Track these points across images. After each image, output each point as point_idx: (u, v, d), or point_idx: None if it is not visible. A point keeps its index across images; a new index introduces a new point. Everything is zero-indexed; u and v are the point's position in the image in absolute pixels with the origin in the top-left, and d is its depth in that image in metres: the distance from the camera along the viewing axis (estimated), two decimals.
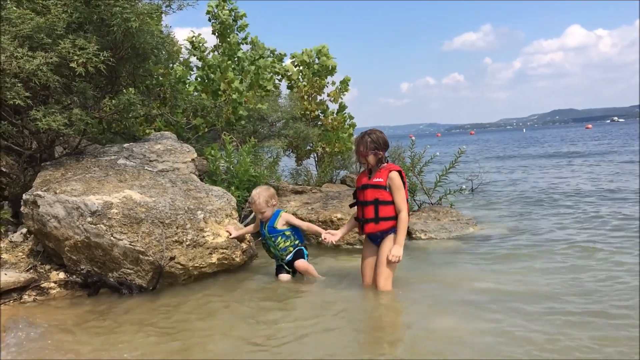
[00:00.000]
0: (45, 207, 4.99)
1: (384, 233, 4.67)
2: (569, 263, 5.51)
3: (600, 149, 27.47)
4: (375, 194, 4.64)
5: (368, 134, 4.71)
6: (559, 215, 8.51)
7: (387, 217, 4.61)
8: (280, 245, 5.16)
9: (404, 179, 4.70)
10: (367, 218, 4.68)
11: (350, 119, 10.66)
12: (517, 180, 14.69)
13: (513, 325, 3.74)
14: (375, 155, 4.67)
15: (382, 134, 4.75)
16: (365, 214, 4.69)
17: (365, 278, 4.86)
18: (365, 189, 4.70)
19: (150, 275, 4.84)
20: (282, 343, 3.61)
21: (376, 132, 4.74)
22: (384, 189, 4.60)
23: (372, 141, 4.65)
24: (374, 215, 4.63)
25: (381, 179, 4.62)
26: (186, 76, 9.08)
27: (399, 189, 4.59)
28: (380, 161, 4.69)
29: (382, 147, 4.68)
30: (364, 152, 4.67)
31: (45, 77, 5.07)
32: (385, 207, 4.61)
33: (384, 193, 4.61)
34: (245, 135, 9.02)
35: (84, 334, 3.93)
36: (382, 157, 4.70)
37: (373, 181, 4.66)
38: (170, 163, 5.98)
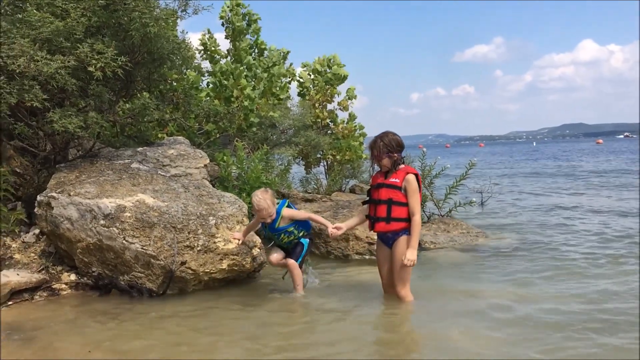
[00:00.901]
0: (59, 208, 5.04)
1: (394, 234, 4.64)
2: (575, 272, 5.66)
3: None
4: (390, 193, 4.61)
5: (381, 137, 4.69)
6: (568, 229, 8.48)
7: (399, 218, 4.58)
8: (285, 240, 5.11)
9: (420, 184, 4.67)
10: (379, 217, 4.65)
11: (360, 128, 10.68)
12: (527, 195, 14.64)
13: (527, 338, 3.75)
14: (390, 158, 4.64)
15: (395, 135, 4.71)
16: (378, 212, 4.66)
17: (383, 280, 4.89)
18: (380, 188, 4.67)
19: (161, 279, 4.87)
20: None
21: (389, 134, 4.71)
22: (399, 190, 4.58)
23: (385, 145, 4.63)
24: (386, 214, 4.61)
25: (397, 180, 4.59)
26: (199, 82, 9.14)
27: (414, 192, 4.57)
28: (396, 163, 4.66)
29: (396, 149, 4.64)
30: (379, 156, 4.66)
31: (63, 80, 5.13)
32: (398, 208, 4.58)
33: (399, 194, 4.58)
34: (256, 142, 9.07)
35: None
36: (397, 160, 4.67)
37: (389, 181, 4.63)
38: (183, 168, 6.01)
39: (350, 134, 10.45)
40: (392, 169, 4.66)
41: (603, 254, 6.54)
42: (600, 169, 24.01)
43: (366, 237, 6.67)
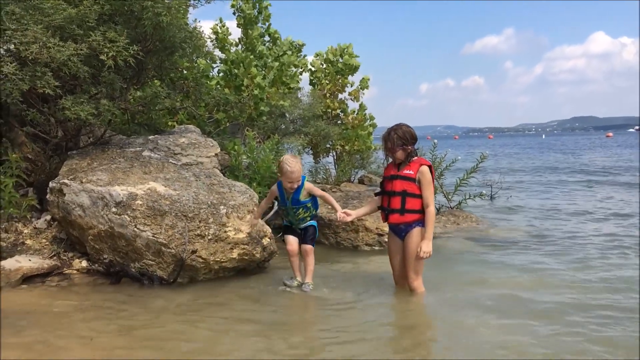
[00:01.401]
0: (71, 195, 5.06)
1: (407, 226, 4.63)
2: (583, 264, 5.70)
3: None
4: (404, 185, 4.60)
5: (394, 129, 4.67)
6: (578, 220, 8.46)
7: (413, 209, 4.58)
8: (300, 216, 5.01)
9: (433, 175, 4.68)
10: (393, 208, 4.64)
11: (371, 119, 10.62)
12: (537, 188, 14.58)
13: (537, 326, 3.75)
14: (404, 151, 4.63)
15: (408, 128, 4.70)
16: (392, 204, 4.65)
17: (394, 272, 4.88)
18: (394, 180, 4.65)
19: (172, 267, 4.88)
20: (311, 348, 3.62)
21: (402, 126, 4.70)
22: (413, 182, 4.57)
23: (399, 137, 4.62)
24: (401, 206, 4.60)
25: (411, 172, 4.59)
26: (209, 70, 9.12)
27: (429, 183, 4.57)
28: (409, 155, 4.65)
29: (410, 141, 4.64)
30: (392, 149, 4.64)
31: (75, 68, 5.13)
32: (412, 200, 4.58)
33: (413, 185, 4.58)
34: (266, 131, 9.05)
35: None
36: (411, 152, 4.66)
37: (403, 172, 4.62)
38: (194, 157, 6.01)
39: (359, 125, 10.40)
40: (406, 161, 4.64)
41: (612, 246, 6.55)
42: (608, 164, 23.80)
43: (376, 228, 6.67)
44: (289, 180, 4.77)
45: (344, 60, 10.32)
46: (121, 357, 3.32)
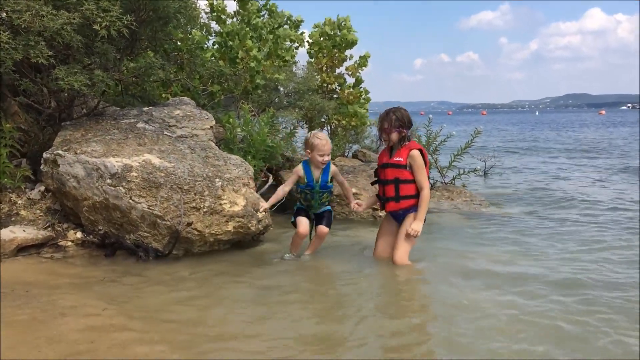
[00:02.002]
0: (65, 166, 5.03)
1: (405, 211, 4.69)
2: (576, 239, 5.75)
3: None
4: (395, 173, 4.66)
5: (393, 111, 4.69)
6: (571, 197, 8.52)
7: (408, 195, 4.64)
8: (323, 200, 5.01)
9: (426, 158, 4.70)
10: (388, 197, 4.72)
11: (366, 93, 10.58)
12: (530, 164, 14.63)
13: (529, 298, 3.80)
14: (399, 133, 4.67)
15: (406, 111, 4.75)
16: (386, 192, 4.72)
17: (376, 249, 4.94)
18: (386, 168, 4.72)
19: (167, 239, 4.89)
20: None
21: (401, 109, 4.74)
22: (404, 168, 4.62)
23: (397, 119, 4.64)
24: (395, 194, 4.67)
25: (401, 158, 4.63)
26: (204, 42, 9.01)
27: (420, 167, 4.60)
28: (402, 139, 4.68)
29: (406, 125, 4.68)
30: (388, 129, 4.67)
31: (68, 37, 5.05)
32: (405, 186, 4.63)
33: (404, 172, 4.63)
34: (260, 104, 8.99)
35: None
36: (405, 136, 4.69)
37: (393, 160, 4.67)
38: (189, 129, 5.98)
39: (355, 100, 10.35)
40: (397, 145, 4.65)
41: (604, 220, 6.63)
42: (599, 144, 23.92)
43: None
44: (321, 153, 4.75)
45: (341, 34, 10.23)
46: (119, 330, 3.34)
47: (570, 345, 3.10)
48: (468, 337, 3.21)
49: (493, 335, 3.24)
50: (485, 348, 3.06)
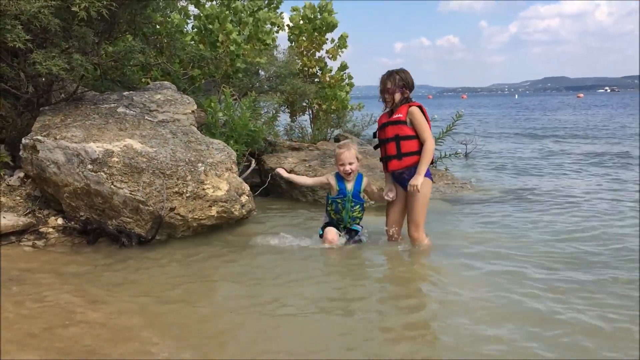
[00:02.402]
0: (44, 152, 4.96)
1: (410, 171, 4.53)
2: (559, 220, 5.81)
3: None
4: (395, 130, 4.54)
5: (397, 72, 4.63)
6: (553, 178, 8.64)
7: (410, 152, 4.50)
8: (355, 214, 4.85)
9: (426, 115, 4.58)
10: (390, 155, 4.59)
11: (349, 78, 10.55)
12: (511, 147, 14.77)
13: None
14: (401, 94, 4.61)
15: (409, 75, 4.68)
16: (388, 151, 4.61)
17: (387, 221, 4.83)
18: (386, 127, 4.62)
19: (150, 225, 4.86)
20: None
21: (405, 71, 4.68)
22: (404, 124, 4.51)
23: (401, 79, 4.59)
24: (396, 151, 4.54)
25: (400, 115, 4.54)
26: (183, 25, 8.91)
27: (421, 121, 4.48)
28: (403, 100, 4.62)
29: (409, 86, 4.63)
30: (392, 89, 4.59)
31: (46, 20, 4.96)
32: (407, 142, 4.50)
33: (404, 128, 4.51)
34: (242, 88, 8.93)
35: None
36: (407, 97, 4.63)
37: (393, 118, 4.58)
38: (170, 114, 5.92)
39: (337, 84, 10.33)
40: (397, 105, 4.60)
41: (583, 200, 6.75)
42: (580, 125, 24.22)
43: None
44: (341, 162, 4.68)
45: (322, 17, 10.17)
46: (106, 311, 3.33)
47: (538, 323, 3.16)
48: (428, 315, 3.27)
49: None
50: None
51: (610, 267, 4.21)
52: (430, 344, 2.97)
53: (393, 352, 2.82)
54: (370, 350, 2.84)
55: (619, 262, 4.33)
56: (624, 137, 16.88)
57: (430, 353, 2.86)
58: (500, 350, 2.82)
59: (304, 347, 2.89)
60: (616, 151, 12.88)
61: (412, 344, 2.93)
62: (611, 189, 7.80)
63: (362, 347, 2.90)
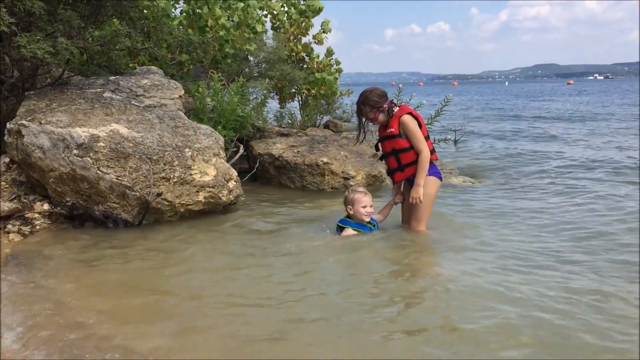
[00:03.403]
0: (30, 137, 4.92)
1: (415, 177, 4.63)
2: (552, 210, 5.77)
3: None
4: (392, 144, 4.65)
5: (362, 102, 4.65)
6: (541, 167, 8.68)
7: (409, 162, 4.60)
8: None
9: (419, 119, 4.62)
10: (393, 168, 4.73)
11: (337, 64, 10.51)
12: (501, 135, 14.81)
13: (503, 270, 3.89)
14: (382, 112, 4.64)
15: (373, 90, 4.66)
16: (390, 164, 4.74)
17: (403, 218, 4.95)
18: (384, 142, 4.73)
19: (137, 210, 4.85)
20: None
21: (366, 94, 4.65)
22: (398, 137, 4.58)
23: (370, 106, 4.61)
24: (397, 164, 4.67)
25: (393, 129, 4.59)
26: (170, 9, 8.81)
27: (413, 132, 4.52)
28: (389, 111, 4.63)
29: (381, 101, 4.62)
30: (373, 117, 4.65)
31: (30, 3, 4.89)
32: (405, 154, 4.60)
33: (400, 141, 4.59)
34: (230, 74, 8.87)
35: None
36: (388, 109, 4.63)
37: (387, 132, 4.65)
38: (157, 99, 5.88)
39: (325, 69, 10.29)
40: (388, 119, 4.65)
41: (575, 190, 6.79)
42: (571, 112, 24.34)
43: (342, 172, 6.71)
44: (364, 204, 4.63)
45: (306, 2, 10.10)
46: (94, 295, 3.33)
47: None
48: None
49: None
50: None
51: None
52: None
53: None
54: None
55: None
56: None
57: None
58: None
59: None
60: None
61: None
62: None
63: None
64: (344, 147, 7.19)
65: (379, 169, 6.89)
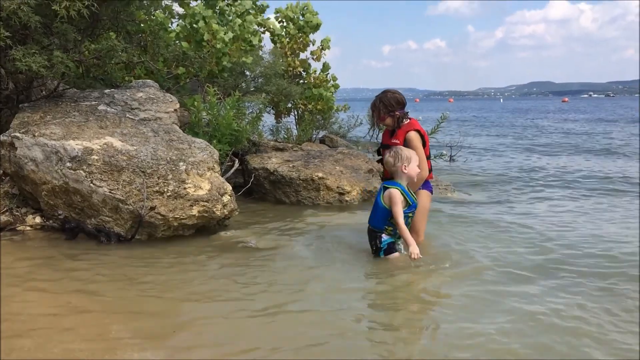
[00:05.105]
0: (23, 149, 4.89)
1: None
2: (540, 225, 5.73)
3: None
4: None
5: (380, 98, 4.63)
6: (536, 185, 8.68)
7: None
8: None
9: (425, 138, 4.59)
10: (388, 177, 4.62)
11: (334, 80, 10.55)
12: (496, 150, 14.84)
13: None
14: (392, 117, 4.60)
15: (394, 94, 4.64)
16: (386, 172, 4.64)
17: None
18: (385, 150, 4.64)
19: (130, 224, 4.81)
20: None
21: (388, 93, 4.65)
22: None
23: (385, 105, 4.58)
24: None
25: (397, 141, 4.56)
26: (167, 24, 8.83)
27: (416, 149, 4.46)
28: (399, 120, 4.59)
29: (396, 107, 4.58)
30: (383, 117, 4.62)
31: (26, 17, 4.89)
32: None
33: None
34: (227, 88, 8.88)
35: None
36: (400, 117, 4.59)
37: (391, 141, 4.61)
38: (152, 112, 5.87)
39: (322, 84, 10.32)
40: (396, 127, 4.61)
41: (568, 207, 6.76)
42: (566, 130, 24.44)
43: (337, 187, 6.69)
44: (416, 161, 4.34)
45: (305, 18, 10.16)
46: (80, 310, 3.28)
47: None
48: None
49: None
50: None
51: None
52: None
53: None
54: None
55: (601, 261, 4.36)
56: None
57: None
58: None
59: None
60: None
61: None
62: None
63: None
64: (340, 162, 7.17)
65: (374, 184, 6.87)
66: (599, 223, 5.90)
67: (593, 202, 7.05)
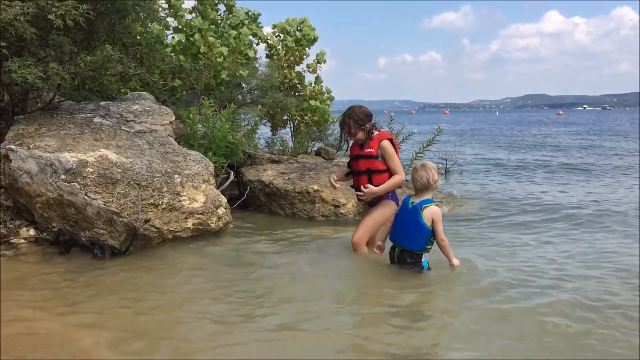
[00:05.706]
0: (17, 161, 4.88)
1: (379, 199, 4.76)
2: (544, 237, 5.75)
3: None
4: (367, 164, 4.71)
5: (348, 115, 4.74)
6: (533, 196, 8.69)
7: (380, 184, 4.66)
8: None
9: (396, 147, 4.78)
10: (361, 186, 4.72)
11: (328, 92, 10.59)
12: (492, 164, 14.87)
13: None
14: (363, 131, 4.73)
15: (360, 108, 4.78)
16: (360, 182, 4.75)
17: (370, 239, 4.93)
18: (359, 159, 4.78)
19: (124, 236, 4.78)
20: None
21: (355, 109, 4.78)
22: (375, 159, 4.68)
23: (354, 121, 4.71)
24: (368, 184, 4.68)
25: (372, 149, 4.69)
26: (163, 36, 8.86)
27: (391, 156, 4.67)
28: (369, 133, 4.74)
29: (365, 120, 4.73)
30: (353, 133, 4.73)
31: (22, 28, 4.90)
32: (378, 176, 4.68)
33: (376, 163, 4.68)
34: (222, 100, 8.90)
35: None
36: (370, 129, 4.74)
37: (365, 151, 4.73)
38: (147, 124, 5.87)
39: (317, 96, 10.36)
40: (367, 139, 4.73)
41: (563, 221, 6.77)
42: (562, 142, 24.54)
43: (332, 199, 6.68)
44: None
45: (302, 31, 10.22)
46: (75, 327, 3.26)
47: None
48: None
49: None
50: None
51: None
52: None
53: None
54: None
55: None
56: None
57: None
58: None
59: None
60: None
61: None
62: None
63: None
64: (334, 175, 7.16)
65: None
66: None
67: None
